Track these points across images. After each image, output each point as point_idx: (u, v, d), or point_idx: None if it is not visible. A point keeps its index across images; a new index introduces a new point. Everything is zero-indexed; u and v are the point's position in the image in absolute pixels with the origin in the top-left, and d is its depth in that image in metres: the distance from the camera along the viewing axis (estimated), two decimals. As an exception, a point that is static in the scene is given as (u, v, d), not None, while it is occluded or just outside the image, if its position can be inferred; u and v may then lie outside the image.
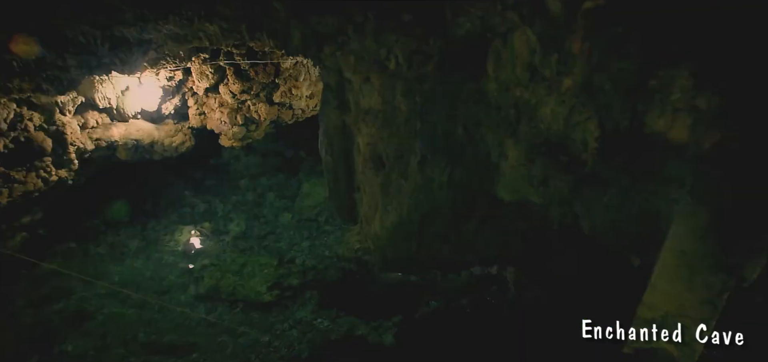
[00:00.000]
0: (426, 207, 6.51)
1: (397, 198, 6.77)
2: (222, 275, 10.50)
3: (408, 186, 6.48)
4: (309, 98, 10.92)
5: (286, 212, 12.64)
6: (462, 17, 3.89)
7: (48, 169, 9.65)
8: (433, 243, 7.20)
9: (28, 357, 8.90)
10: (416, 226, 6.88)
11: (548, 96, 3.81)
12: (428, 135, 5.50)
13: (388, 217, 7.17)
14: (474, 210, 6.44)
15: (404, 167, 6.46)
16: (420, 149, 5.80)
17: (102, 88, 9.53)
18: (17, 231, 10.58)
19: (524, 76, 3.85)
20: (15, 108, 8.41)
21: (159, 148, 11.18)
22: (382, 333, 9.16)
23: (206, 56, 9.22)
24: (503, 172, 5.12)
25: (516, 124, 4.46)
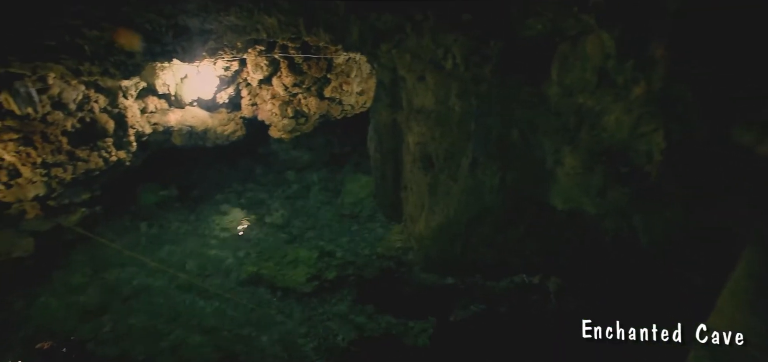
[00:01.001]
0: (474, 210, 6.43)
1: (444, 200, 6.73)
2: (263, 263, 10.73)
3: (457, 187, 6.43)
4: (359, 95, 11.01)
5: (329, 206, 12.79)
6: (532, 18, 3.82)
7: (109, 149, 10.11)
8: (478, 247, 7.11)
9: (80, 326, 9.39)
10: (463, 229, 6.81)
11: (614, 103, 3.70)
12: (482, 137, 5.43)
13: (434, 218, 7.13)
14: (523, 216, 6.32)
15: (454, 168, 6.41)
16: (472, 151, 5.73)
17: (163, 75, 9.90)
18: (77, 207, 11.13)
19: (592, 82, 3.75)
20: (83, 90, 8.87)
21: (211, 135, 11.53)
22: (417, 334, 9.14)
23: (262, 48, 9.45)
24: (558, 179, 5.01)
25: (576, 130, 4.36)
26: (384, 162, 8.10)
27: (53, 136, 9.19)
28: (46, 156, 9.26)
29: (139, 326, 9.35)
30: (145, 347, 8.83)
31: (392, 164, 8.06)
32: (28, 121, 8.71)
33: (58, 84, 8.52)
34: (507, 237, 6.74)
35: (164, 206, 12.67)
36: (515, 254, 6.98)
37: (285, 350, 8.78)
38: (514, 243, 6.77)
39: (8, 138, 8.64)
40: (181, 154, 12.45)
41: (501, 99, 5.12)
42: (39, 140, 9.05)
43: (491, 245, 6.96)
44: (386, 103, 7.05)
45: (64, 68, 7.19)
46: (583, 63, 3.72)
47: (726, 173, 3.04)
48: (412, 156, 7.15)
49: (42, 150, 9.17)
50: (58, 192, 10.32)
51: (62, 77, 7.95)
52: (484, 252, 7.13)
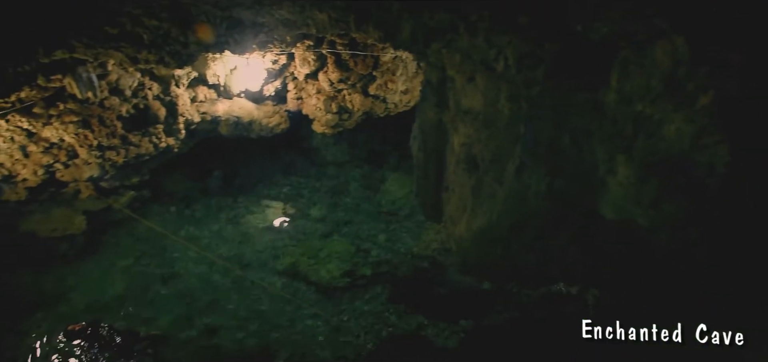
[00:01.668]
0: (518, 214, 6.36)
1: (488, 202, 6.67)
2: (300, 255, 10.89)
3: (502, 191, 6.36)
4: (403, 93, 11.03)
5: (367, 203, 12.87)
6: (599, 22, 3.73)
7: (159, 135, 10.46)
8: (518, 253, 7.03)
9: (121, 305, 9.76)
10: (505, 233, 6.73)
11: (675, 113, 3.58)
12: (531, 141, 5.36)
13: (476, 220, 7.07)
14: (567, 224, 6.21)
15: (500, 171, 6.34)
16: (520, 155, 5.66)
17: (214, 66, 10.18)
18: (127, 190, 11.57)
19: (655, 89, 3.64)
20: (139, 77, 9.21)
21: (256, 127, 11.78)
22: (448, 336, 9.11)
23: (310, 43, 9.59)
24: (609, 189, 4.89)
25: (632, 139, 4.25)
26: (427, 161, 8.09)
27: (109, 120, 9.58)
28: (101, 139, 9.66)
29: (176, 309, 9.66)
30: (180, 330, 9.14)
31: (435, 164, 8.04)
32: (88, 105, 9.11)
33: (117, 71, 8.87)
34: (549, 245, 6.64)
35: (208, 193, 13.03)
36: (555, 262, 6.87)
37: (317, 343, 8.91)
38: (556, 251, 6.66)
39: (69, 120, 9.06)
40: (226, 144, 12.75)
41: (553, 103, 5.04)
42: (96, 124, 9.45)
43: (532, 251, 6.86)
44: (433, 102, 7.04)
45: (123, 55, 7.47)
46: (648, 69, 3.62)
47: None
48: (457, 157, 7.12)
49: (98, 133, 9.57)
50: (110, 175, 10.76)
51: (121, 64, 8.26)
52: (524, 258, 7.03)
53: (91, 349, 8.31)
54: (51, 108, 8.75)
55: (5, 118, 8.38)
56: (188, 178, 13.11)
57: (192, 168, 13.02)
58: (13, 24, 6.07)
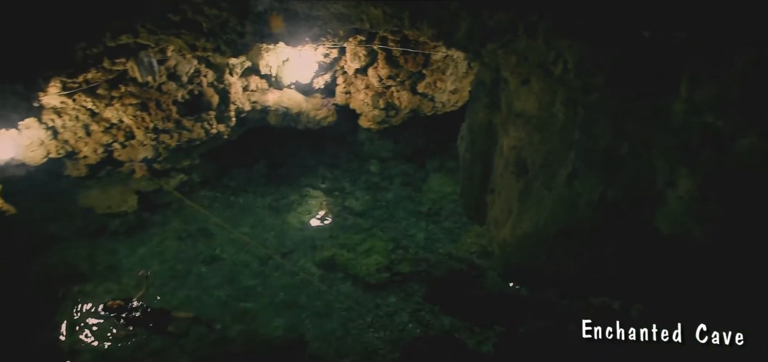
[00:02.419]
0: (566, 222, 6.21)
1: (535, 208, 6.55)
2: (339, 248, 11.00)
3: (551, 197, 6.23)
4: (452, 93, 10.96)
5: (408, 200, 12.86)
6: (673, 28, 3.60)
7: (211, 121, 10.77)
8: (562, 261, 6.86)
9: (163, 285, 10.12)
10: (551, 240, 6.59)
11: (750, 126, 3.42)
12: (586, 148, 5.23)
13: (521, 225, 6.96)
14: (617, 235, 6.03)
15: (550, 177, 6.21)
16: (573, 161, 5.53)
17: (267, 56, 10.40)
18: (177, 173, 11.97)
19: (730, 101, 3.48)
20: (195, 64, 9.51)
21: (304, 119, 11.97)
22: (482, 340, 9.02)
23: (362, 38, 9.65)
24: (667, 202, 4.71)
25: (697, 152, 4.08)
26: (473, 162, 8.00)
27: (165, 104, 9.94)
28: (157, 122, 10.04)
29: (216, 292, 9.94)
30: (218, 313, 9.40)
31: (482, 166, 7.94)
32: (146, 89, 9.48)
33: (175, 57, 9.19)
34: (595, 255, 6.45)
35: (253, 181, 13.33)
36: (600, 273, 6.68)
37: (351, 337, 9.00)
38: (602, 261, 6.48)
39: (129, 102, 9.46)
40: (273, 133, 13.00)
41: (612, 110, 4.90)
42: (153, 107, 9.83)
43: (577, 260, 6.69)
44: (484, 103, 6.96)
45: (182, 42, 7.73)
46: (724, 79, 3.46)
47: None
48: (505, 160, 7.01)
49: (154, 116, 9.95)
50: (163, 157, 11.17)
51: (179, 51, 8.56)
52: (568, 266, 6.86)
53: (126, 326, 8.64)
54: (113, 90, 9.16)
55: (72, 98, 8.82)
56: (235, 164, 13.45)
57: (239, 155, 13.35)
58: (85, 9, 6.38)
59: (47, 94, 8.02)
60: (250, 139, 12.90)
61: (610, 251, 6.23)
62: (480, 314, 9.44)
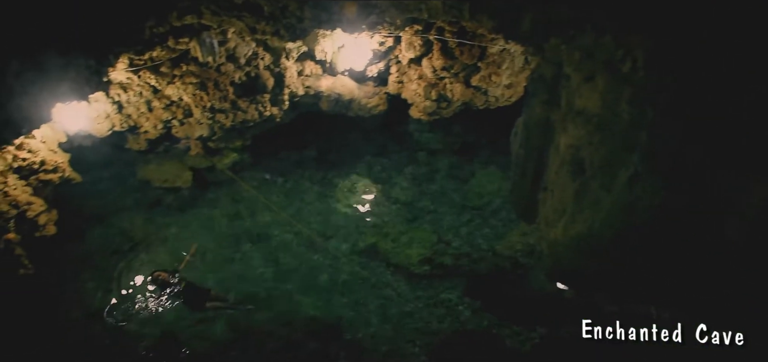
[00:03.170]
0: (623, 226, 6.03)
1: (591, 209, 6.37)
2: (382, 236, 11.03)
3: (608, 199, 6.05)
4: (506, 87, 10.76)
5: (454, 193, 12.76)
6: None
7: (265, 104, 10.99)
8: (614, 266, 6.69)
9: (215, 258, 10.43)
10: (605, 243, 6.42)
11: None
12: (652, 150, 5.04)
13: (574, 226, 6.80)
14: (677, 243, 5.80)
15: (609, 179, 6.03)
16: (636, 163, 5.35)
17: (323, 42, 10.50)
18: (230, 152, 12.31)
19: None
20: (254, 47, 9.72)
21: (356, 106, 12.05)
22: (522, 340, 8.89)
23: (419, 28, 9.61)
24: (739, 211, 4.51)
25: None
26: (527, 159, 7.86)
27: (223, 85, 10.22)
28: (214, 102, 10.33)
29: (259, 271, 10.17)
30: (260, 292, 9.62)
31: (535, 163, 7.79)
32: (206, 69, 9.77)
33: (235, 39, 9.42)
34: (650, 262, 6.25)
35: (301, 165, 13.55)
36: (652, 281, 6.47)
37: (388, 325, 9.04)
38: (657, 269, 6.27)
39: (189, 81, 9.77)
40: (323, 119, 13.16)
41: (684, 112, 4.71)
42: (211, 87, 10.12)
43: (630, 267, 6.50)
44: (543, 99, 6.82)
45: (243, 24, 7.91)
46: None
47: None
48: (561, 158, 6.85)
49: (212, 96, 10.24)
50: (217, 136, 11.50)
51: (240, 33, 8.76)
52: (620, 272, 6.69)
53: (170, 297, 9.01)
54: (175, 68, 9.48)
55: (138, 74, 9.20)
56: (285, 148, 13.70)
57: (290, 139, 13.59)
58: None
59: (116, 69, 8.38)
60: (301, 124, 13.10)
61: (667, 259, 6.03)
62: (521, 313, 9.29)
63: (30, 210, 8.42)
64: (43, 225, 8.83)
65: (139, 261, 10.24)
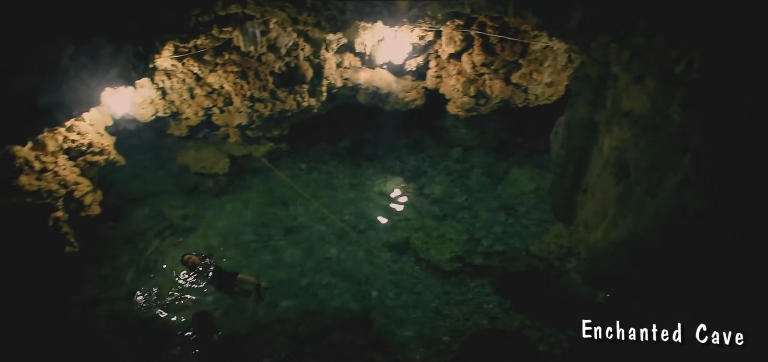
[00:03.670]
0: (668, 233, 5.85)
1: (634, 214, 6.20)
2: (414, 231, 11.01)
3: (654, 204, 5.87)
4: (547, 86, 10.55)
5: (488, 191, 12.64)
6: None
7: (303, 95, 11.09)
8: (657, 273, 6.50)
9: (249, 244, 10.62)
10: (647, 249, 6.25)
11: None
12: (707, 157, 4.86)
13: (615, 230, 6.63)
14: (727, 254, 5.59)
15: (655, 183, 5.85)
16: (687, 168, 5.17)
17: (363, 34, 10.51)
18: (267, 141, 12.47)
19: None
20: (295, 38, 9.80)
21: (393, 100, 12.03)
22: (551, 343, 8.73)
23: (460, 23, 9.50)
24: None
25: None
26: (567, 160, 7.71)
27: (263, 74, 10.35)
28: (254, 91, 10.48)
29: (291, 260, 10.28)
30: (291, 280, 9.73)
31: (576, 164, 7.64)
32: (247, 58, 9.90)
33: (276, 29, 9.51)
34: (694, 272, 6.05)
35: (336, 156, 13.64)
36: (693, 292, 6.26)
37: (416, 320, 8.99)
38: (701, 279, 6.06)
39: (230, 69, 9.94)
40: (360, 111, 13.19)
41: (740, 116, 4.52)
42: (252, 76, 10.26)
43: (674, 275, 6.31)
44: (587, 99, 6.66)
45: (286, 15, 7.95)
46: None
47: None
48: (605, 160, 6.69)
49: (252, 85, 10.39)
50: (255, 125, 11.67)
51: (281, 23, 8.85)
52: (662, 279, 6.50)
53: (198, 280, 9.27)
54: (218, 57, 9.65)
55: (182, 62, 9.40)
56: (321, 139, 13.81)
57: (326, 130, 13.68)
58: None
59: (161, 56, 8.59)
60: (338, 115, 13.16)
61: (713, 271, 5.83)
62: (553, 315, 9.12)
63: (77, 190, 8.72)
64: (89, 205, 9.14)
65: (175, 243, 10.51)
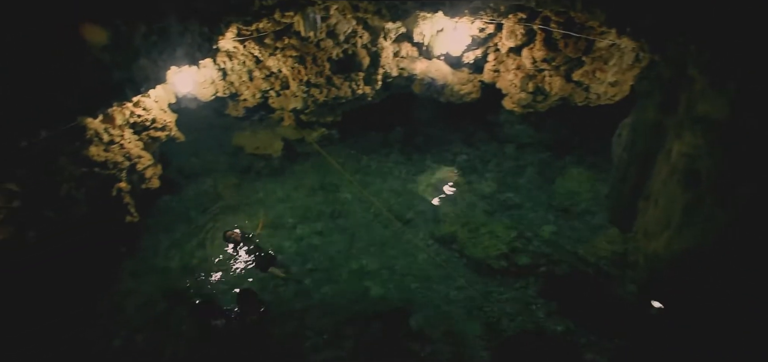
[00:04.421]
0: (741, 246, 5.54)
1: (703, 225, 5.90)
2: (460, 226, 10.86)
3: (725, 216, 5.57)
4: (610, 85, 10.13)
5: (540, 191, 12.33)
6: None
7: (358, 82, 11.13)
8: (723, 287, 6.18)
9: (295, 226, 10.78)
10: (716, 262, 5.95)
11: None
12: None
13: (680, 240, 6.33)
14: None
15: (727, 193, 5.55)
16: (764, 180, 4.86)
17: (422, 25, 10.43)
18: (320, 126, 12.62)
19: None
20: (354, 25, 9.83)
21: (448, 92, 11.90)
22: (598, 350, 8.45)
23: (523, 16, 9.25)
24: None
25: None
26: (630, 163, 7.41)
27: (320, 60, 10.45)
28: (310, 76, 10.60)
29: (336, 245, 10.36)
30: (334, 265, 9.80)
31: (639, 168, 7.32)
32: (306, 43, 10.03)
33: (336, 16, 9.57)
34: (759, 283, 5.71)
35: (387, 146, 13.64)
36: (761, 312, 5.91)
37: (457, 316, 8.87)
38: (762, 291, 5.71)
39: (289, 54, 10.09)
40: (413, 101, 13.13)
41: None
42: (309, 61, 10.38)
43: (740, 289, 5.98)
44: (658, 101, 6.34)
45: (346, 2, 8.00)
46: None
47: None
48: (672, 167, 6.37)
49: (309, 70, 10.52)
50: (310, 110, 11.82)
51: (342, 10, 8.89)
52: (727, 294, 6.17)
53: (239, 256, 9.47)
54: (278, 41, 9.82)
55: (243, 44, 9.61)
56: (373, 127, 13.84)
57: (378, 118, 13.70)
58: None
59: (225, 38, 8.79)
60: (391, 104, 13.15)
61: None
62: (599, 323, 8.84)
63: (139, 163, 9.11)
64: (149, 178, 9.54)
65: (225, 221, 10.81)
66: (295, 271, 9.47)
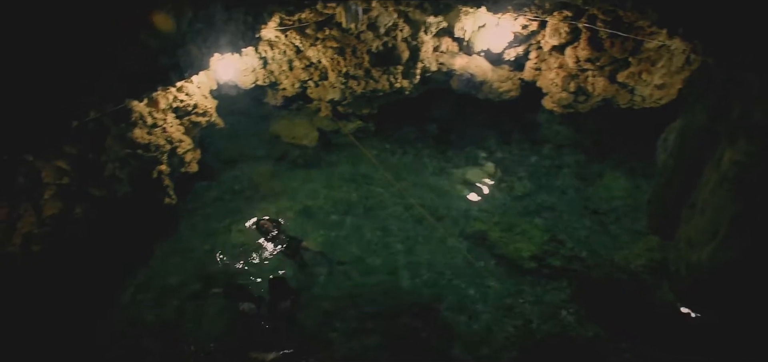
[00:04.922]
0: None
1: (752, 237, 5.68)
2: (493, 224, 10.75)
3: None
4: (657, 87, 9.81)
5: (576, 193, 12.05)
6: None
7: (396, 76, 11.11)
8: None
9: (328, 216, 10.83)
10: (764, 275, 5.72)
11: None
12: None
13: (726, 252, 6.11)
14: None
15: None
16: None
17: (464, 20, 10.32)
18: (356, 118, 12.65)
19: None
20: (395, 18, 9.80)
21: (486, 89, 11.75)
22: (628, 358, 8.22)
23: (569, 14, 9.03)
24: None
25: None
26: (676, 169, 7.16)
27: (360, 52, 10.46)
28: (349, 68, 10.64)
29: (367, 238, 10.37)
30: (365, 257, 9.81)
31: (685, 175, 7.08)
32: (347, 35, 10.05)
33: (378, 8, 9.56)
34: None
35: (423, 140, 13.56)
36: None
37: (486, 315, 8.77)
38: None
39: (330, 45, 10.15)
40: (450, 97, 13.02)
41: None
42: (349, 53, 10.41)
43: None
44: (708, 105, 6.12)
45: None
46: None
47: None
48: (722, 175, 6.13)
49: (348, 62, 10.55)
50: (347, 101, 11.86)
51: (383, 3, 8.88)
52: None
53: (271, 245, 9.51)
54: (319, 31, 9.88)
55: (285, 34, 9.71)
56: (409, 121, 13.78)
57: (414, 112, 13.63)
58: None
59: (267, 27, 8.90)
60: (428, 99, 13.06)
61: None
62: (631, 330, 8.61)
63: (180, 147, 9.32)
64: (188, 162, 9.76)
65: (260, 208, 10.95)
66: (325, 261, 9.53)
